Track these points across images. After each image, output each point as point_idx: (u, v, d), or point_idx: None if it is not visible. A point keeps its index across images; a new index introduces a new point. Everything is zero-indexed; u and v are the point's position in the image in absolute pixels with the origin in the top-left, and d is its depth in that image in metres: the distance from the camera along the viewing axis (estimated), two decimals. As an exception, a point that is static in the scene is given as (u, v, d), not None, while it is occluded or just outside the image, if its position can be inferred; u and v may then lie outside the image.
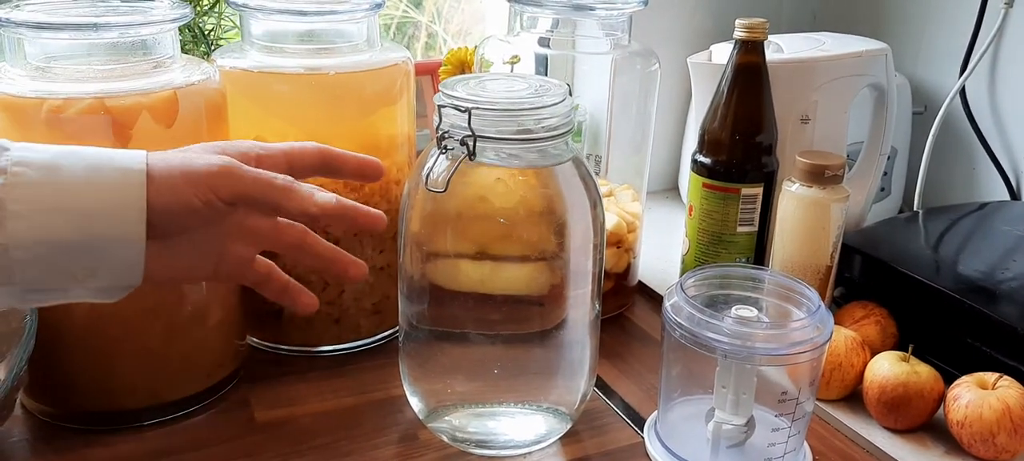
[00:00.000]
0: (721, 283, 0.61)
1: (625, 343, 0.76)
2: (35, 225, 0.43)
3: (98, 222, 0.44)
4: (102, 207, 0.44)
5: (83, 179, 0.44)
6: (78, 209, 0.44)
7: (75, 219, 0.44)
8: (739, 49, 0.74)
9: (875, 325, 0.69)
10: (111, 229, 0.44)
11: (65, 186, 0.44)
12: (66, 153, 0.45)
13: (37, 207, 0.43)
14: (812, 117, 0.79)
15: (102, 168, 0.45)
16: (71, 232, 0.44)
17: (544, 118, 0.54)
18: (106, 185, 0.44)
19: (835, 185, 0.69)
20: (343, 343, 0.71)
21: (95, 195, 0.44)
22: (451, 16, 1.26)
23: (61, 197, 0.44)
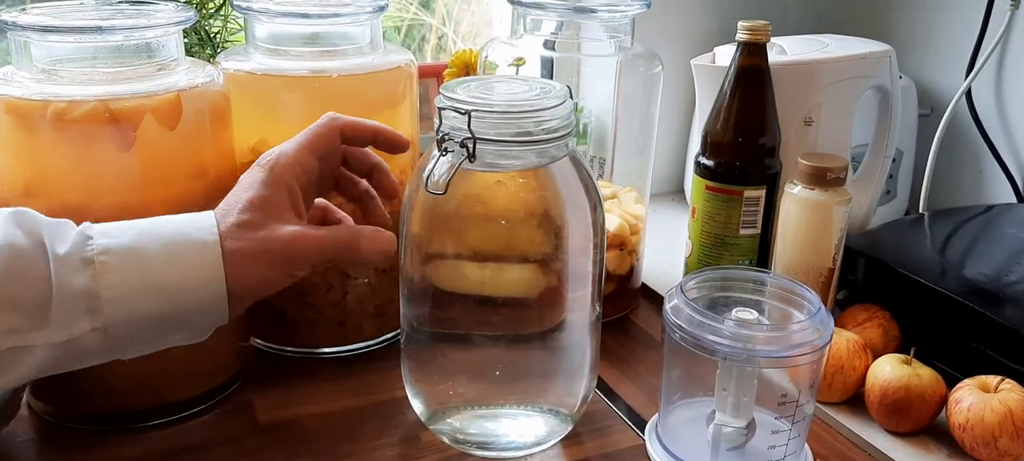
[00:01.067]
0: (722, 285, 0.61)
1: (628, 346, 0.76)
2: (127, 308, 0.46)
3: (183, 297, 0.48)
4: (185, 284, 0.48)
5: (164, 259, 0.47)
6: (163, 288, 0.47)
7: (162, 297, 0.47)
8: (742, 51, 0.74)
9: (878, 328, 0.69)
10: (195, 301, 0.48)
11: (149, 269, 0.47)
12: (144, 233, 0.48)
13: (127, 291, 0.46)
14: (815, 119, 0.79)
15: (179, 245, 0.48)
16: (160, 308, 0.47)
17: (544, 120, 0.54)
18: (185, 262, 0.48)
19: (837, 187, 0.69)
20: (346, 345, 0.71)
21: (177, 273, 0.47)
22: (461, 18, 1.26)
23: (147, 279, 0.47)
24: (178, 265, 0.47)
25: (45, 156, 0.56)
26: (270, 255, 0.49)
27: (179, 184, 0.59)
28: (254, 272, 0.49)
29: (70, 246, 0.46)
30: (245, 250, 0.49)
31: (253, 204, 0.50)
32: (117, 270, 0.46)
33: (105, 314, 0.45)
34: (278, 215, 0.50)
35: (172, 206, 0.59)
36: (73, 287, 0.45)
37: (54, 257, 0.45)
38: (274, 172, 0.52)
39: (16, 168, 0.57)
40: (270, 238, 0.49)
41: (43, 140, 0.55)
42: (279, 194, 0.51)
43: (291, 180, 0.52)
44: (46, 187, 0.56)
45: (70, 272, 0.45)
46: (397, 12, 1.21)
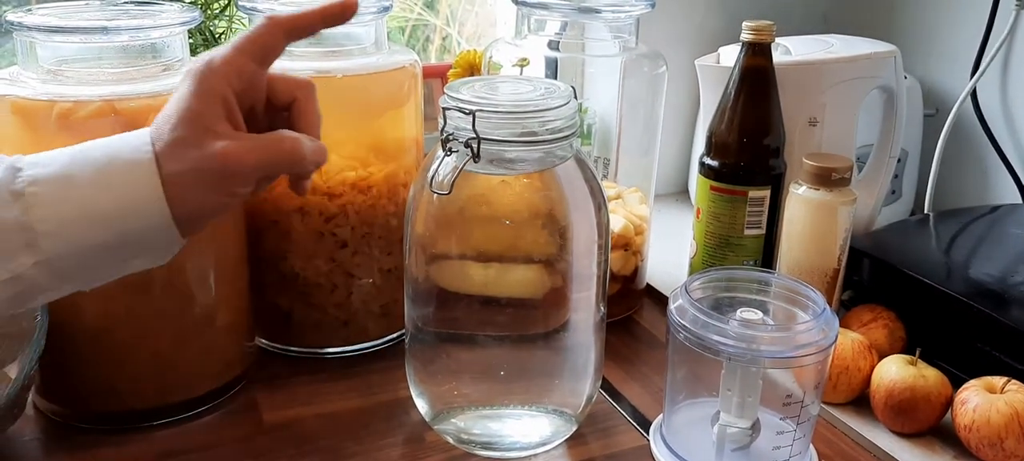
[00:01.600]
0: (726, 286, 0.61)
1: (632, 346, 0.76)
2: (66, 239, 0.44)
3: (125, 223, 0.45)
4: (123, 208, 0.45)
5: (98, 184, 0.45)
6: (101, 215, 0.45)
7: (102, 223, 0.45)
8: (746, 51, 0.74)
9: (883, 329, 0.69)
10: (139, 226, 0.45)
11: (82, 196, 0.44)
12: (75, 159, 0.45)
13: (63, 221, 0.44)
14: (820, 120, 0.79)
15: (112, 169, 0.45)
16: (102, 234, 0.45)
17: (548, 120, 0.54)
18: (120, 186, 0.45)
19: (842, 188, 0.69)
20: (351, 345, 0.71)
21: (113, 199, 0.45)
22: (465, 19, 1.26)
23: (82, 207, 0.44)
24: (113, 190, 0.44)
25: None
26: (207, 174, 0.45)
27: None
28: (194, 194, 0.45)
29: (1, 179, 0.43)
30: (180, 171, 0.45)
31: (183, 119, 0.45)
32: (49, 201, 0.43)
33: (44, 247, 0.43)
34: (211, 127, 0.46)
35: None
36: (6, 221, 0.43)
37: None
38: (204, 81, 0.47)
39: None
40: (203, 156, 0.45)
41: (49, 140, 0.55)
42: (211, 105, 0.46)
43: (224, 88, 0.47)
44: (52, 187, 0.57)
45: (1, 206, 0.43)
46: (401, 12, 1.21)
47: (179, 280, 0.61)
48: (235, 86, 0.48)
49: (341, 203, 0.67)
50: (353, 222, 0.68)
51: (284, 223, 0.67)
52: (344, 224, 0.68)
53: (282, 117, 0.52)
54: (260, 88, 0.51)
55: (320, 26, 0.53)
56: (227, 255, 0.64)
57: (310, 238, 0.67)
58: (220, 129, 0.46)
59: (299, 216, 0.67)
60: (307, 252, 0.68)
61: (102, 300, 0.59)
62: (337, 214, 0.67)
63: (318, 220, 0.67)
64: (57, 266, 0.45)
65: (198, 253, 0.61)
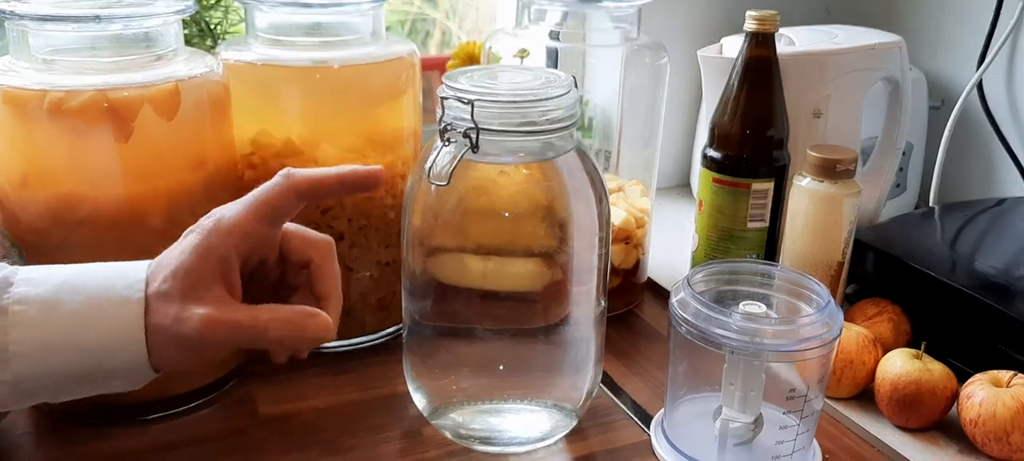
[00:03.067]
0: (729, 279, 0.60)
1: (633, 341, 0.75)
2: (38, 362, 0.44)
3: (102, 357, 0.45)
4: (102, 343, 0.44)
5: (83, 316, 0.44)
6: (80, 346, 0.44)
7: (79, 353, 0.44)
8: (749, 42, 0.73)
9: (888, 322, 0.68)
10: (116, 360, 0.45)
11: (65, 325, 0.44)
12: (67, 283, 0.45)
13: (39, 345, 0.43)
14: (824, 111, 0.78)
15: (101, 302, 0.45)
16: (78, 363, 0.44)
17: (548, 110, 0.53)
18: (104, 322, 0.44)
19: (847, 180, 0.68)
20: (348, 339, 0.70)
21: (95, 334, 0.44)
22: (465, 13, 1.26)
23: (63, 335, 0.44)
24: (96, 326, 0.44)
25: (43, 146, 0.55)
26: (179, 338, 0.45)
27: (177, 175, 0.58)
28: (168, 351, 0.45)
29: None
30: (160, 326, 0.45)
31: (176, 273, 0.45)
32: (31, 323, 0.43)
33: (14, 367, 0.43)
34: (199, 288, 0.45)
35: (171, 197, 0.58)
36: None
37: None
38: (208, 239, 0.47)
39: (14, 159, 0.56)
40: (180, 319, 0.45)
41: (41, 130, 0.55)
42: (207, 264, 0.46)
43: (226, 249, 0.47)
44: (44, 178, 0.56)
45: None
46: (402, 6, 1.20)
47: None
48: (240, 248, 0.48)
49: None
50: (350, 214, 0.67)
51: (280, 215, 0.66)
52: (341, 216, 0.67)
53: (300, 273, 0.52)
54: (271, 246, 0.51)
55: (338, 194, 0.52)
56: (223, 247, 0.63)
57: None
58: (209, 292, 0.46)
59: (296, 208, 0.66)
60: (304, 245, 0.67)
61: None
62: (333, 206, 0.66)
63: (314, 212, 0.66)
64: (24, 386, 0.44)
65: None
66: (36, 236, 0.57)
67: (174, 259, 0.46)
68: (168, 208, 0.58)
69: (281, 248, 0.51)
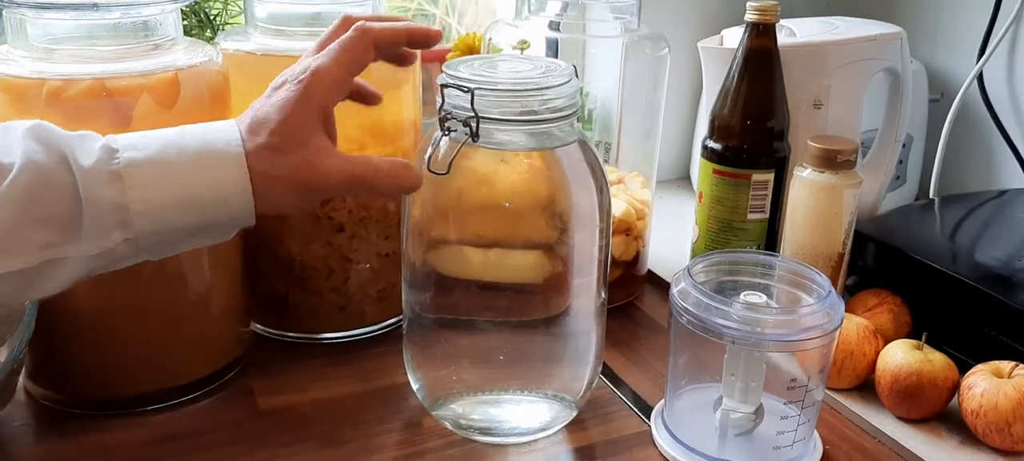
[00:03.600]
0: (730, 269, 0.60)
1: (633, 332, 0.75)
2: (156, 220, 0.46)
3: (213, 209, 0.47)
4: (213, 197, 0.47)
5: (191, 172, 0.46)
6: (191, 201, 0.46)
7: (191, 209, 0.47)
8: (750, 32, 0.72)
9: (888, 313, 0.68)
10: (224, 212, 0.47)
11: (176, 182, 0.46)
12: (169, 144, 0.47)
13: (156, 205, 0.46)
14: (825, 102, 0.78)
15: (205, 159, 0.47)
16: (189, 218, 0.47)
17: (549, 99, 0.53)
18: (211, 177, 0.47)
19: (847, 170, 0.68)
20: (348, 330, 0.70)
21: (204, 187, 0.46)
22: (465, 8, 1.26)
23: (175, 192, 0.46)
24: (205, 181, 0.46)
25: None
26: (296, 183, 0.48)
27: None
28: (278, 195, 0.48)
29: (95, 160, 0.45)
30: (270, 174, 0.47)
31: (284, 128, 0.47)
32: (145, 184, 0.45)
33: (135, 226, 0.45)
34: (308, 139, 0.48)
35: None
36: (103, 201, 0.44)
37: (80, 172, 0.44)
38: (309, 93, 0.48)
39: (12, 148, 0.56)
40: (297, 166, 0.48)
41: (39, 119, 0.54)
42: (311, 117, 0.48)
43: (326, 100, 0.49)
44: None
45: (98, 186, 0.44)
46: (402, 2, 1.20)
47: (172, 264, 0.60)
48: (333, 98, 0.50)
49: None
50: (350, 205, 0.67)
51: (280, 206, 0.66)
52: (341, 207, 0.66)
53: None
54: (347, 90, 0.53)
55: (404, 43, 0.55)
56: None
57: (306, 222, 0.66)
58: (316, 141, 0.48)
59: (295, 199, 0.66)
60: (303, 236, 0.67)
61: (93, 284, 0.58)
62: (334, 197, 0.66)
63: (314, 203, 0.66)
64: (143, 244, 0.46)
65: (192, 236, 0.60)
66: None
67: (277, 115, 0.48)
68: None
69: None
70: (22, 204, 0.43)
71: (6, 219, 0.42)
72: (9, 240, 0.43)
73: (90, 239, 0.44)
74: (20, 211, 0.43)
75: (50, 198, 0.44)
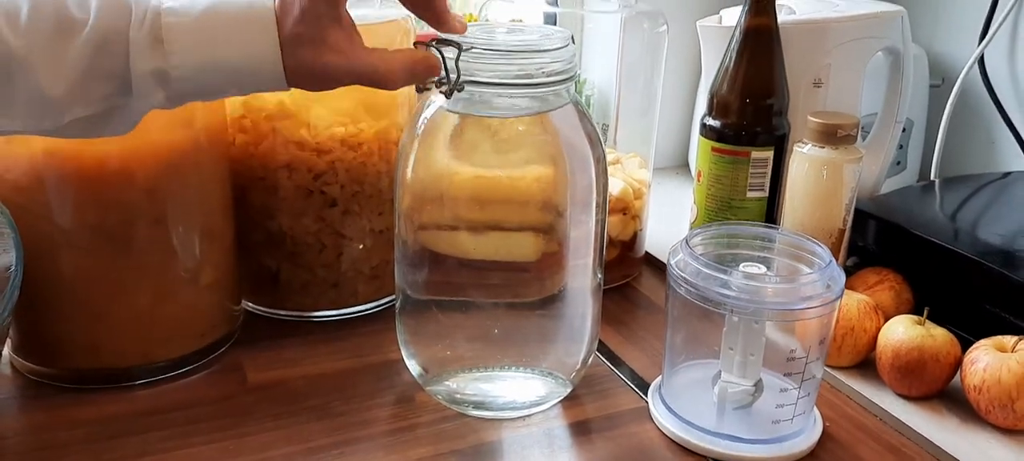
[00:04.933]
0: (729, 242, 0.59)
1: (631, 312, 0.74)
2: (194, 82, 0.48)
3: (246, 76, 0.49)
4: (248, 65, 0.49)
5: (227, 42, 0.48)
6: (228, 67, 0.49)
7: (225, 74, 0.49)
8: (749, 9, 0.71)
9: (889, 291, 0.67)
10: (257, 79, 0.50)
11: (214, 49, 0.48)
12: (210, 12, 0.48)
13: (194, 70, 0.48)
14: (825, 80, 0.77)
15: (244, 31, 0.48)
16: (222, 82, 0.49)
17: (546, 63, 0.52)
18: (249, 47, 0.48)
19: (848, 145, 0.67)
20: (340, 308, 0.69)
21: (240, 56, 0.48)
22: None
23: (213, 58, 0.48)
24: (242, 50, 0.48)
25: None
26: (311, 73, 0.50)
27: (165, 133, 0.57)
28: (300, 78, 0.50)
29: (144, 25, 0.47)
30: (289, 64, 0.49)
31: (305, 16, 0.48)
32: (184, 50, 0.47)
33: (174, 87, 0.48)
34: (326, 29, 0.49)
35: (158, 155, 0.57)
36: (148, 67, 0.47)
37: (133, 37, 0.47)
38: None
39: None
40: (314, 62, 0.49)
41: None
42: (330, 5, 0.49)
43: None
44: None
45: (143, 52, 0.47)
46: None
47: (161, 236, 0.59)
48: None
49: (330, 160, 0.65)
50: (342, 180, 0.66)
51: (271, 179, 0.65)
52: (333, 182, 0.65)
53: None
54: None
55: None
56: (211, 211, 0.62)
57: (298, 196, 0.65)
58: (332, 31, 0.49)
59: (286, 172, 0.65)
60: (295, 210, 0.66)
61: (80, 254, 0.57)
62: (326, 171, 0.65)
63: (306, 177, 0.65)
64: (177, 99, 0.49)
65: (181, 208, 0.59)
66: (21, 195, 0.55)
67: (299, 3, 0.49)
68: (155, 167, 0.57)
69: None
70: (92, 59, 0.46)
71: (79, 70, 0.46)
72: (80, 91, 0.47)
73: (138, 98, 0.48)
74: (90, 65, 0.46)
75: (112, 55, 0.47)
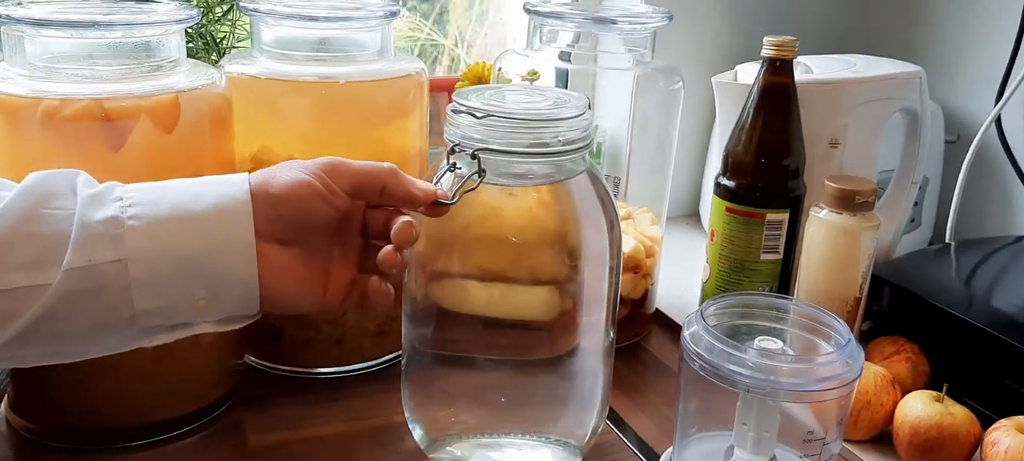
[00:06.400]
0: (743, 312, 0.58)
1: (640, 374, 0.73)
2: (152, 237, 0.45)
3: (211, 247, 0.46)
4: (214, 231, 0.46)
5: (191, 195, 0.46)
6: (190, 220, 0.45)
7: (188, 238, 0.45)
8: (767, 68, 0.71)
9: (906, 362, 0.66)
10: (224, 251, 0.46)
11: (175, 204, 0.46)
12: (168, 183, 0.47)
13: (152, 224, 0.45)
14: (842, 141, 0.76)
15: (206, 187, 0.47)
16: (186, 246, 0.45)
17: (562, 131, 0.51)
18: (214, 205, 0.46)
19: (866, 212, 0.66)
20: (344, 366, 0.68)
21: (203, 211, 0.46)
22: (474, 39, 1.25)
23: (172, 213, 0.45)
24: (204, 205, 0.46)
25: (36, 155, 0.53)
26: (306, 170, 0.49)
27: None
28: (290, 192, 0.48)
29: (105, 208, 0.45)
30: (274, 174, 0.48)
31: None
32: (144, 204, 0.45)
33: (127, 245, 0.44)
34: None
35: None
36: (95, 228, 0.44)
37: (81, 199, 0.45)
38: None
39: (5, 167, 0.54)
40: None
41: (34, 139, 0.53)
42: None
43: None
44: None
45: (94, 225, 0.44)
46: (411, 32, 1.20)
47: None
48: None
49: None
50: (351, 235, 0.65)
51: (279, 234, 0.64)
52: (342, 237, 0.64)
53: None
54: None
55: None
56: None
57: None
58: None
59: (295, 227, 0.64)
60: (302, 265, 0.65)
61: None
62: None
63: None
64: (130, 273, 0.45)
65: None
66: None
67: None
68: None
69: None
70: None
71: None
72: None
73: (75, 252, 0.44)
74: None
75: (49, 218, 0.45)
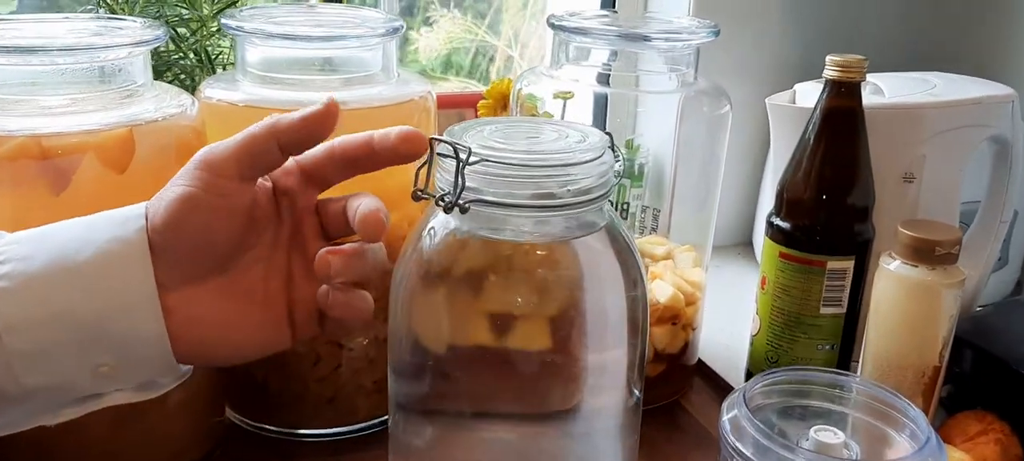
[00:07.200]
0: (797, 390, 0.48)
1: (677, 440, 0.63)
2: (27, 301, 0.37)
3: (105, 306, 0.38)
4: (103, 285, 0.38)
5: (76, 242, 0.38)
6: (74, 274, 0.38)
7: (74, 297, 0.38)
8: (830, 91, 0.61)
9: (995, 445, 0.55)
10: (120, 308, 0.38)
11: (57, 256, 0.38)
12: (52, 228, 0.40)
13: (26, 284, 0.37)
14: (918, 176, 0.66)
15: (94, 229, 0.39)
16: (72, 307, 0.37)
17: (572, 179, 0.42)
18: (102, 251, 0.38)
19: (948, 265, 0.56)
20: (336, 427, 0.60)
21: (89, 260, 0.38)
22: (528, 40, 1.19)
23: (50, 267, 0.37)
24: (92, 248, 0.39)
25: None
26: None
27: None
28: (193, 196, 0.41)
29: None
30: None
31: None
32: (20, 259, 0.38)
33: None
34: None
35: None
36: None
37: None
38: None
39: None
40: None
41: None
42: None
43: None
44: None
45: None
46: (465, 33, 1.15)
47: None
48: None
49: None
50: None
51: (262, 280, 0.57)
52: (334, 283, 0.57)
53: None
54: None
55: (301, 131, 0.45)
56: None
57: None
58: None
59: (279, 273, 0.56)
60: (288, 315, 0.57)
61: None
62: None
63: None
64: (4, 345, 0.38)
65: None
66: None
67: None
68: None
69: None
70: None
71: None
72: None
73: None
74: None
75: None
